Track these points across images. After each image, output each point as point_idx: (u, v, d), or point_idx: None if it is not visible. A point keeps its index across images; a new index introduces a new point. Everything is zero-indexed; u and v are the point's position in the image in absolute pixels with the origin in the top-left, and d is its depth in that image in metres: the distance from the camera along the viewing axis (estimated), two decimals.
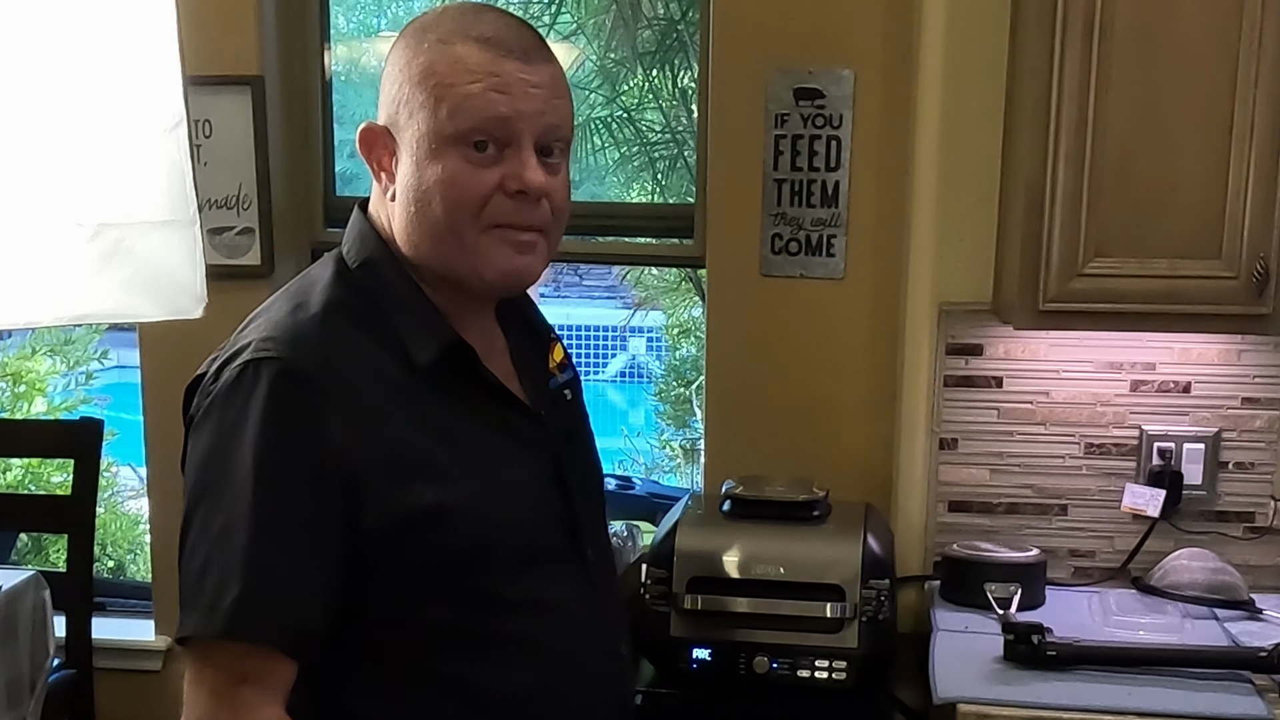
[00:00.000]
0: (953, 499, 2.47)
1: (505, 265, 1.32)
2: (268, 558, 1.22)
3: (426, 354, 1.30)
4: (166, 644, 2.99)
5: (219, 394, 1.25)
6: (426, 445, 1.29)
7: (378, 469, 1.25)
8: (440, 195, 1.29)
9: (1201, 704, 1.89)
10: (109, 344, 4.65)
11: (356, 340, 1.29)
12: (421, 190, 1.29)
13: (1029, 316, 2.12)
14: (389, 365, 1.29)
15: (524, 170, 1.29)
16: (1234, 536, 2.40)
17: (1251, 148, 2.00)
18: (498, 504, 1.32)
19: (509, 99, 1.28)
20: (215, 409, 1.25)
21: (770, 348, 2.63)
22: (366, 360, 1.28)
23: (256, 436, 1.22)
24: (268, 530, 1.22)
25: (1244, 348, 2.36)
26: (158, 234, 1.53)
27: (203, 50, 2.25)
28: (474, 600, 1.31)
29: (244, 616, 1.21)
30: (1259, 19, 1.97)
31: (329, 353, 1.27)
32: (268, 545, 1.22)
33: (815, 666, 2.09)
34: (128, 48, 1.47)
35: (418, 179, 1.30)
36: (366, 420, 1.25)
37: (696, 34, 2.93)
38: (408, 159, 1.30)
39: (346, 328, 1.29)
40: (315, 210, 2.94)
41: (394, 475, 1.26)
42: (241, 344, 1.27)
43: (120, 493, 4.80)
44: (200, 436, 1.27)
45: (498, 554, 1.32)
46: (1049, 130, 2.04)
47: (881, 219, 2.56)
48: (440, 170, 1.28)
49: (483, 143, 1.28)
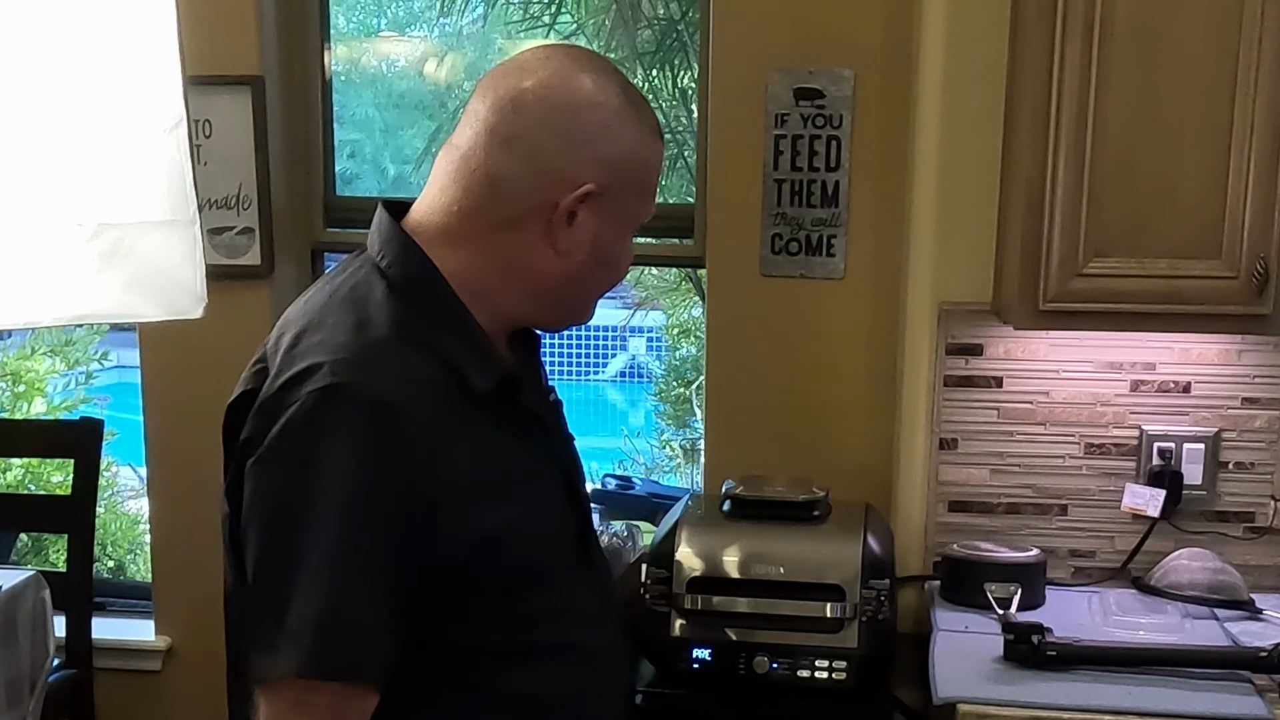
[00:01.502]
0: (953, 499, 2.47)
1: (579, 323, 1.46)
2: (362, 593, 1.21)
3: (484, 382, 1.30)
4: (166, 644, 2.99)
5: (294, 421, 1.22)
6: (485, 468, 1.29)
7: (453, 494, 1.25)
8: (622, 266, 1.41)
9: (1201, 704, 1.89)
10: (109, 344, 4.65)
11: (420, 362, 1.27)
12: (613, 257, 1.38)
13: (1029, 316, 2.12)
14: (450, 386, 1.28)
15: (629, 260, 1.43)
16: (1234, 536, 2.40)
17: (1251, 148, 2.00)
18: (540, 522, 1.36)
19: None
20: (289, 436, 1.22)
21: (770, 348, 2.63)
22: (432, 383, 1.27)
23: (343, 468, 1.20)
24: (361, 564, 1.20)
25: (1244, 348, 2.36)
26: (158, 234, 1.53)
27: (203, 50, 2.24)
28: (519, 616, 1.33)
29: (345, 654, 1.20)
30: (1259, 19, 1.97)
31: (402, 377, 1.25)
32: (361, 580, 1.21)
33: (815, 666, 2.09)
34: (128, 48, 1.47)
35: (612, 246, 1.37)
36: (440, 445, 1.24)
37: (696, 34, 2.93)
38: (610, 228, 1.36)
39: (411, 349, 1.27)
40: (315, 210, 2.94)
41: (466, 499, 1.26)
42: (306, 365, 1.24)
43: (120, 493, 4.80)
44: (272, 464, 1.23)
45: (540, 570, 1.35)
46: (1049, 130, 2.04)
47: (881, 219, 2.56)
48: (628, 247, 1.41)
49: None
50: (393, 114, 3.82)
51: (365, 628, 1.21)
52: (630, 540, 2.50)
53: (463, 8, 3.64)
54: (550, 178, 1.30)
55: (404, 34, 3.94)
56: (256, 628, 1.24)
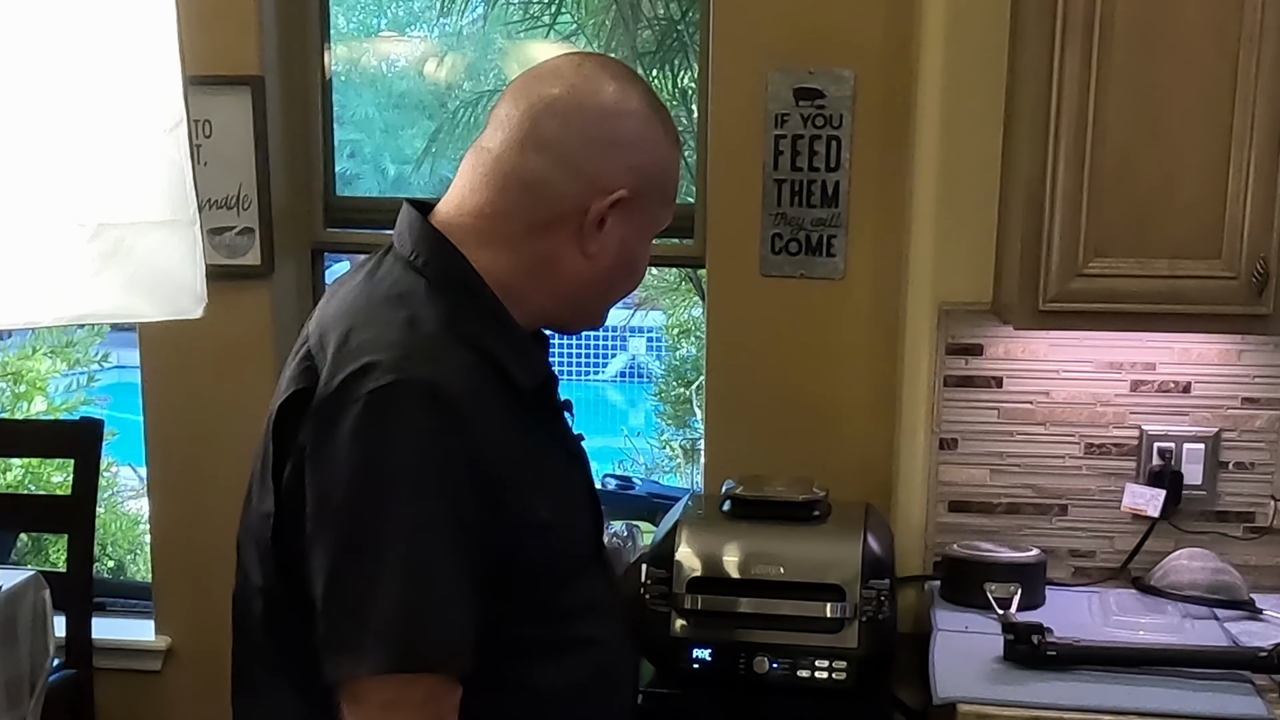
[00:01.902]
0: (953, 499, 2.47)
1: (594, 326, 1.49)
2: (445, 581, 1.22)
3: (528, 381, 1.34)
4: (166, 644, 2.99)
5: (359, 417, 1.22)
6: (533, 460, 1.33)
7: (509, 481, 1.28)
8: (642, 270, 1.44)
9: (1201, 704, 1.89)
10: (109, 345, 4.65)
11: (469, 356, 1.29)
12: (634, 262, 1.42)
13: (1029, 316, 2.12)
14: (496, 382, 1.31)
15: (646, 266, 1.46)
16: (1234, 536, 2.40)
17: (1251, 148, 2.00)
18: (576, 517, 1.41)
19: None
20: (359, 434, 1.22)
21: (770, 348, 2.63)
22: (481, 374, 1.29)
23: (411, 460, 1.21)
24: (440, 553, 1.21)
25: (1244, 348, 2.35)
26: (158, 234, 1.53)
27: (203, 50, 2.24)
28: (556, 610, 1.37)
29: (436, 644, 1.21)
30: (1259, 19, 1.97)
31: (457, 369, 1.27)
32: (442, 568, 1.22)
33: (815, 666, 2.09)
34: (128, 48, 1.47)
35: (636, 253, 1.41)
36: (498, 431, 1.27)
37: (696, 34, 2.93)
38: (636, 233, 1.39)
39: (460, 345, 1.30)
40: (315, 210, 2.94)
41: (519, 488, 1.29)
42: (364, 362, 1.24)
43: (120, 493, 4.80)
44: (343, 464, 1.23)
45: (571, 565, 1.39)
46: (1049, 130, 2.04)
47: (881, 219, 2.56)
48: (647, 253, 1.44)
49: None
50: (393, 114, 3.82)
51: (452, 616, 1.22)
52: (630, 540, 2.50)
53: (463, 8, 3.64)
54: (584, 183, 1.33)
55: (404, 34, 3.95)
56: (331, 631, 1.23)
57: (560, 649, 1.38)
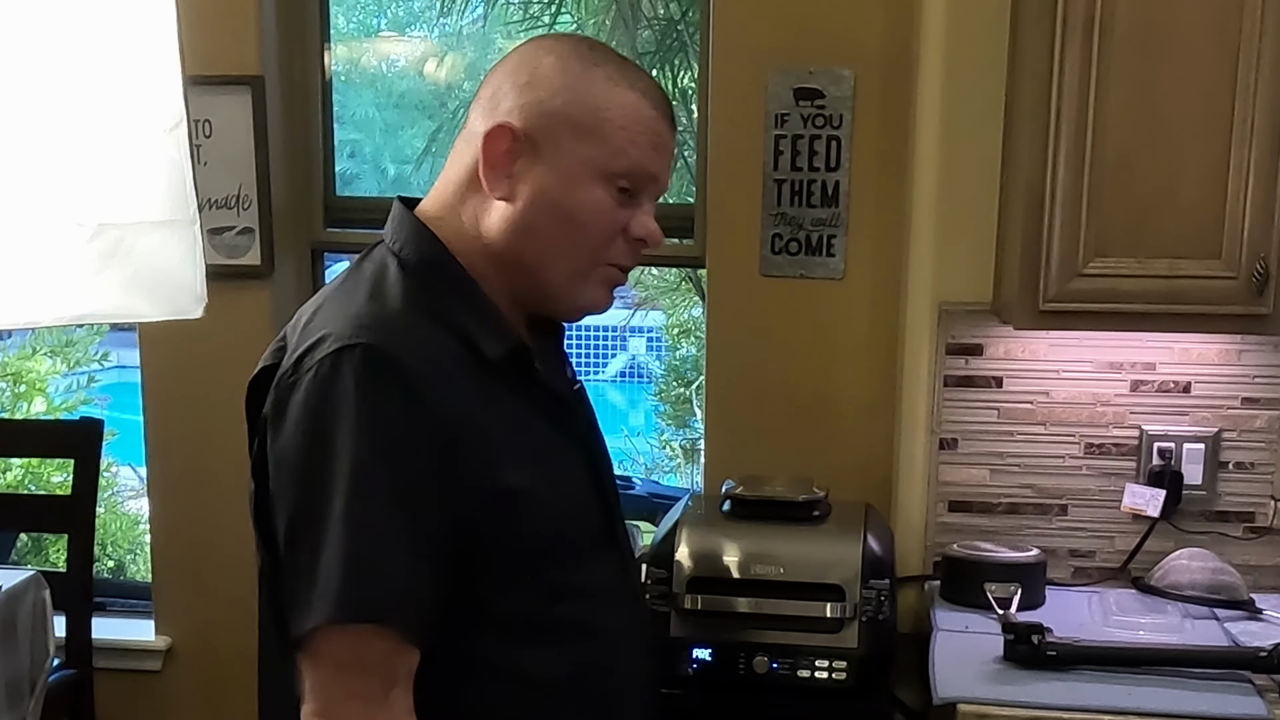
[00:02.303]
0: (953, 499, 2.47)
1: (598, 303, 1.42)
2: (383, 536, 1.23)
3: (494, 350, 1.34)
4: (166, 644, 2.99)
5: (309, 384, 1.25)
6: (503, 430, 1.32)
7: (468, 444, 1.28)
8: (588, 218, 1.34)
9: (1201, 704, 1.89)
10: (109, 344, 4.65)
11: (433, 331, 1.32)
12: (566, 207, 1.34)
13: (1029, 316, 2.12)
14: (463, 354, 1.33)
15: (649, 222, 1.38)
16: (1234, 536, 2.40)
17: (1251, 148, 2.00)
18: (560, 493, 1.38)
19: (661, 161, 1.38)
20: (308, 399, 1.25)
21: (770, 348, 2.63)
22: (444, 346, 1.31)
23: (358, 418, 1.23)
24: (379, 507, 1.23)
25: (1244, 348, 2.35)
26: (158, 234, 1.53)
27: (203, 50, 2.24)
28: (541, 590, 1.36)
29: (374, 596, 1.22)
30: (1259, 19, 1.97)
31: (413, 339, 1.29)
32: (381, 521, 1.23)
33: (815, 666, 2.09)
34: (128, 48, 1.47)
35: (565, 196, 1.34)
36: (455, 397, 1.28)
37: (696, 34, 2.93)
38: (552, 173, 1.34)
39: (423, 318, 1.32)
40: (315, 210, 2.94)
41: (481, 453, 1.29)
42: (319, 335, 1.28)
43: (120, 493, 4.80)
44: (293, 428, 1.26)
45: (560, 543, 1.37)
46: (1049, 130, 2.04)
47: (881, 219, 2.56)
48: (591, 196, 1.34)
49: (627, 188, 1.36)
50: (393, 114, 3.82)
51: (393, 570, 1.23)
52: (630, 540, 2.50)
53: (463, 8, 3.64)
54: (489, 122, 1.34)
55: (404, 34, 3.95)
56: (288, 594, 1.25)
57: (550, 632, 1.36)
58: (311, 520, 1.23)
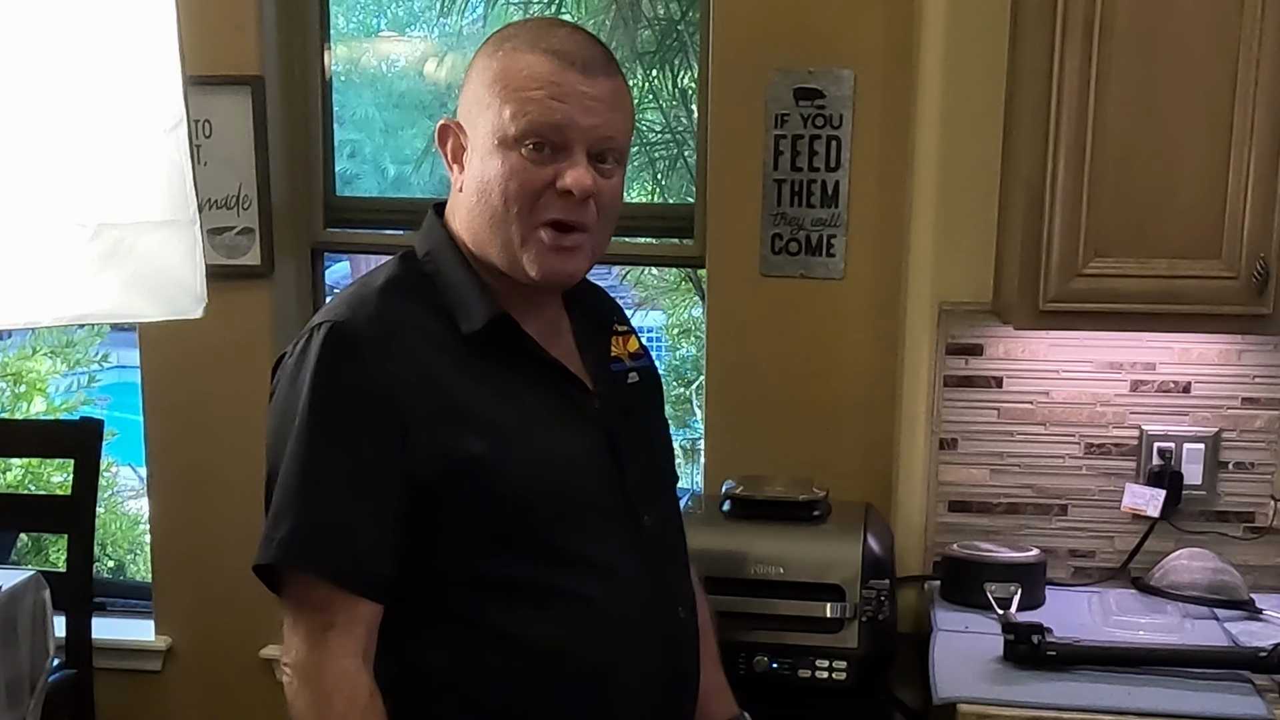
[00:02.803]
0: (953, 499, 2.47)
1: (547, 266, 1.43)
2: (322, 491, 1.35)
3: (471, 323, 1.43)
4: (166, 644, 2.99)
5: (289, 361, 1.41)
6: (473, 400, 1.40)
7: (425, 414, 1.37)
8: (500, 187, 1.40)
9: (1201, 704, 1.89)
10: (109, 345, 4.65)
11: (412, 309, 1.43)
12: (485, 181, 1.42)
13: (1029, 316, 2.12)
14: (441, 332, 1.43)
15: (571, 172, 1.40)
16: (1234, 536, 2.40)
17: (1251, 148, 2.00)
18: (540, 458, 1.43)
19: (566, 108, 1.39)
20: (285, 373, 1.41)
21: (770, 348, 2.63)
22: (420, 325, 1.42)
23: (310, 385, 1.36)
24: (321, 466, 1.35)
25: (1244, 348, 2.36)
26: (158, 234, 1.53)
27: (203, 50, 2.25)
28: (527, 553, 1.40)
29: (298, 545, 1.34)
30: (1259, 19, 1.97)
31: (383, 315, 1.40)
32: (322, 479, 1.35)
33: (815, 666, 2.09)
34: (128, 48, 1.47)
35: (482, 171, 1.42)
36: (413, 369, 1.38)
37: (696, 34, 2.93)
38: (475, 154, 1.43)
39: (404, 299, 1.43)
40: (315, 210, 2.94)
41: (442, 421, 1.37)
42: (313, 323, 1.42)
43: (120, 493, 4.80)
44: (274, 399, 1.42)
45: (545, 507, 1.42)
46: (1049, 130, 2.05)
47: (881, 219, 2.56)
48: (500, 165, 1.40)
49: (540, 144, 1.39)
50: (393, 114, 3.82)
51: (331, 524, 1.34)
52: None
53: (463, 8, 3.64)
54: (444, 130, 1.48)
55: (404, 34, 3.94)
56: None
57: (538, 596, 1.40)
58: (278, 480, 1.37)
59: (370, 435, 1.36)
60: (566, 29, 1.47)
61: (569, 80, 1.39)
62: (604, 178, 1.43)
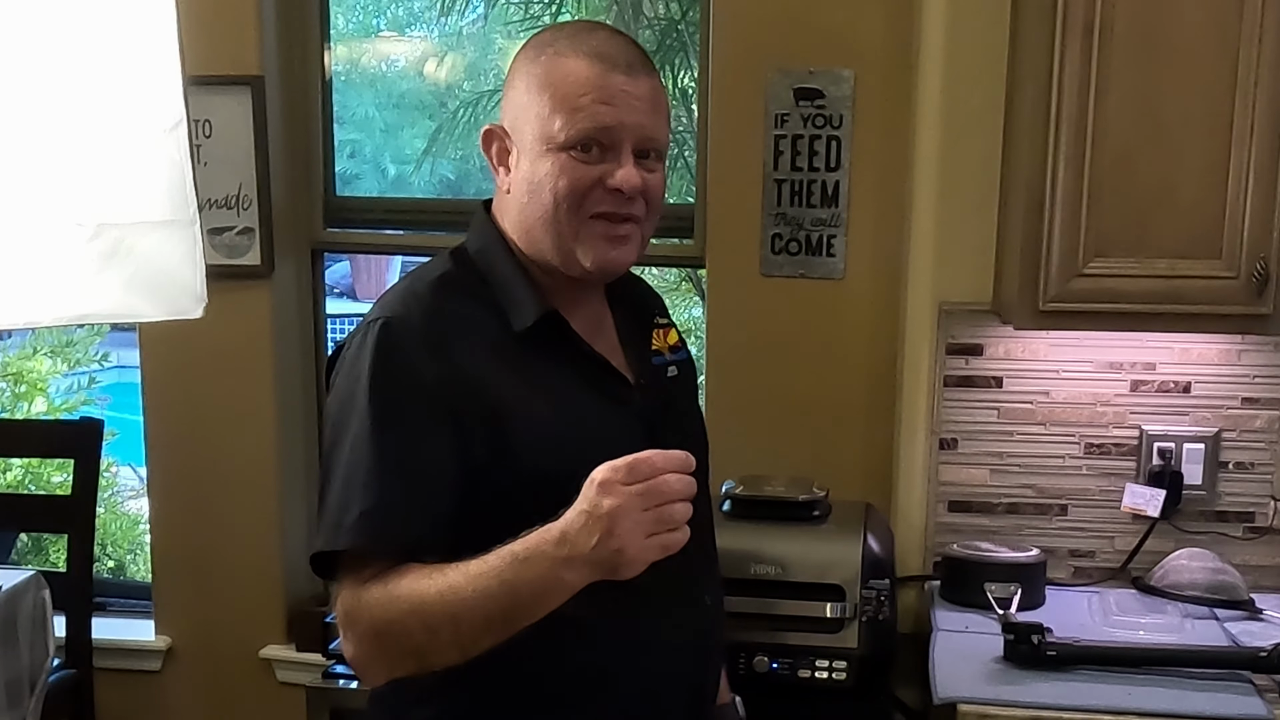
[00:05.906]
0: (953, 499, 2.47)
1: (601, 256, 1.48)
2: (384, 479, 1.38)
3: (523, 320, 1.48)
4: (166, 644, 2.99)
5: (347, 353, 1.46)
6: (521, 394, 1.45)
7: (476, 406, 1.41)
8: (550, 185, 1.45)
9: (1201, 704, 1.89)
10: (109, 345, 4.65)
11: (464, 305, 1.48)
12: (535, 182, 1.46)
13: (1029, 316, 2.12)
14: (491, 327, 1.48)
15: (620, 171, 1.45)
16: (1234, 536, 2.40)
17: (1251, 148, 2.00)
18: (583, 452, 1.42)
19: (614, 110, 1.44)
20: (344, 365, 1.46)
21: (770, 348, 2.63)
22: (470, 320, 1.47)
23: (368, 377, 1.41)
24: (381, 455, 1.39)
25: (1244, 348, 2.36)
26: (158, 234, 1.53)
27: (203, 50, 2.25)
28: None
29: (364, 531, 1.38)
30: (1259, 19, 1.97)
31: (434, 310, 1.46)
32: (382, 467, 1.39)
33: (815, 666, 2.09)
34: (128, 48, 1.47)
35: (532, 173, 1.47)
36: (464, 363, 1.43)
37: (696, 34, 2.93)
38: (524, 158, 1.48)
39: (455, 295, 1.49)
40: (315, 210, 2.94)
41: (491, 414, 1.42)
42: (369, 316, 1.47)
43: (120, 493, 4.79)
44: (333, 391, 1.47)
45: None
46: (1049, 130, 2.05)
47: (881, 219, 2.56)
48: (550, 166, 1.45)
49: (589, 144, 1.45)
50: (393, 114, 3.82)
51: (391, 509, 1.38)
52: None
53: (463, 8, 3.64)
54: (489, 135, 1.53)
55: (404, 34, 3.94)
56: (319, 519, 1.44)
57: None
58: (328, 469, 1.43)
59: (427, 425, 1.40)
60: (606, 31, 1.52)
61: (614, 82, 1.44)
62: (648, 173, 1.48)
